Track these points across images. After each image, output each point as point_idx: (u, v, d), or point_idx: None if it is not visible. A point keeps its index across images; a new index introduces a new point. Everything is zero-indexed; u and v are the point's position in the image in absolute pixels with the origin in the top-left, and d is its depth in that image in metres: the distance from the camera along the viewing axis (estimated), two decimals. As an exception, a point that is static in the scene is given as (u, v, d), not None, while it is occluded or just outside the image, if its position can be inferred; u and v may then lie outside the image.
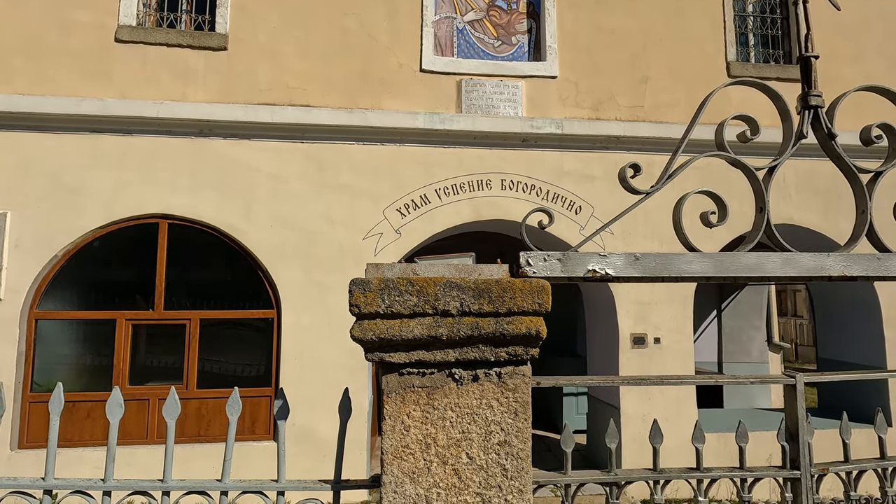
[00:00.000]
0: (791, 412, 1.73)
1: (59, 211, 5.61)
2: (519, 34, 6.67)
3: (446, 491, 1.34)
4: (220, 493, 1.46)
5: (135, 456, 5.40)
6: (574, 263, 1.51)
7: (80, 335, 5.88)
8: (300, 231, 5.94)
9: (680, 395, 6.19)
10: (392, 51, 6.26)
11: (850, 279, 1.65)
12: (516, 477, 1.36)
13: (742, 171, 1.64)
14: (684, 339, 6.38)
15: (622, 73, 6.55)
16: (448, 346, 1.35)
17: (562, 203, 6.30)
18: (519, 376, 1.39)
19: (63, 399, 1.43)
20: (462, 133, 6.14)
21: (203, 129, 5.85)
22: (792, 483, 1.70)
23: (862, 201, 1.68)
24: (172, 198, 5.80)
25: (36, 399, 5.59)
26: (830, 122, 1.68)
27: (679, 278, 1.58)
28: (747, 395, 8.72)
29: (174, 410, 1.45)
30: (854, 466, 1.77)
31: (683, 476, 1.69)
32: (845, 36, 6.75)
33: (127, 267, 5.95)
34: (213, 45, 5.97)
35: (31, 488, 1.44)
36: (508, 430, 1.37)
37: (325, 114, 5.94)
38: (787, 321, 17.16)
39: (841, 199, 6.43)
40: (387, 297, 1.31)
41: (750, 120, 1.64)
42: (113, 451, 1.43)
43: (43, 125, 5.62)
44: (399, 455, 1.34)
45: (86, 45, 5.80)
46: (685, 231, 1.59)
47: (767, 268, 1.59)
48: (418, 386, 1.36)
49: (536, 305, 1.34)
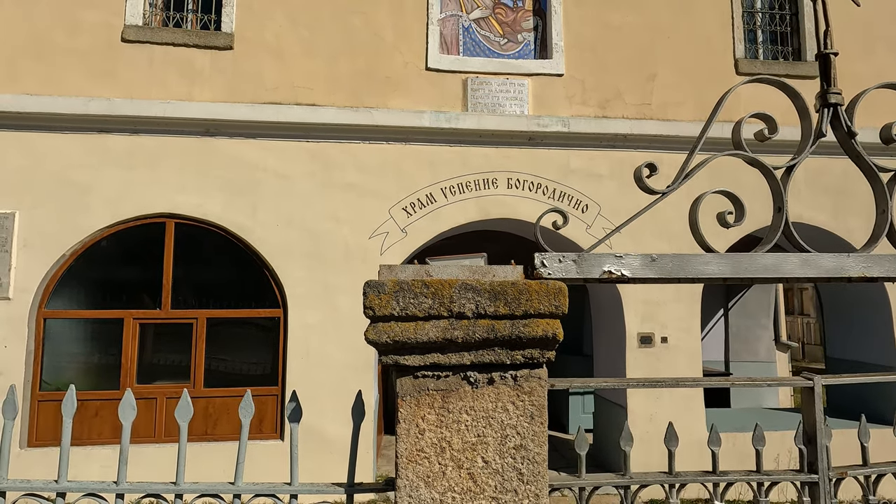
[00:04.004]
0: (809, 415, 1.71)
1: (67, 210, 5.62)
2: (525, 32, 6.63)
3: (461, 495, 1.32)
4: (233, 496, 1.45)
5: (143, 455, 5.41)
6: (590, 264, 1.49)
7: (88, 334, 5.90)
8: (306, 230, 5.93)
9: (687, 395, 6.16)
10: (398, 49, 6.24)
11: (871, 280, 1.62)
12: (532, 481, 1.34)
13: (760, 170, 1.61)
14: (692, 339, 6.34)
15: (629, 71, 6.50)
16: (463, 349, 1.33)
17: (568, 201, 6.26)
18: (535, 379, 1.37)
19: (76, 401, 1.43)
20: (468, 131, 6.11)
21: (209, 129, 5.85)
22: (810, 487, 1.67)
23: (882, 201, 1.65)
24: (179, 197, 5.80)
25: (44, 398, 5.61)
26: (850, 121, 1.65)
27: (696, 279, 1.56)
28: (755, 395, 8.67)
29: (187, 413, 1.44)
30: (873, 470, 1.75)
31: (699, 479, 1.67)
32: (854, 31, 6.66)
33: (134, 266, 5.96)
34: (219, 44, 5.97)
35: (45, 491, 1.43)
36: (524, 433, 1.35)
37: (330, 113, 5.92)
38: (794, 319, 17.05)
39: (851, 198, 6.36)
40: (402, 299, 1.29)
41: (768, 118, 1.61)
42: (126, 453, 1.42)
43: (51, 125, 5.64)
44: (414, 459, 1.33)
45: (93, 45, 5.81)
46: (701, 231, 1.57)
47: (786, 269, 1.56)
48: (433, 389, 1.35)
49: (553, 307, 1.32)
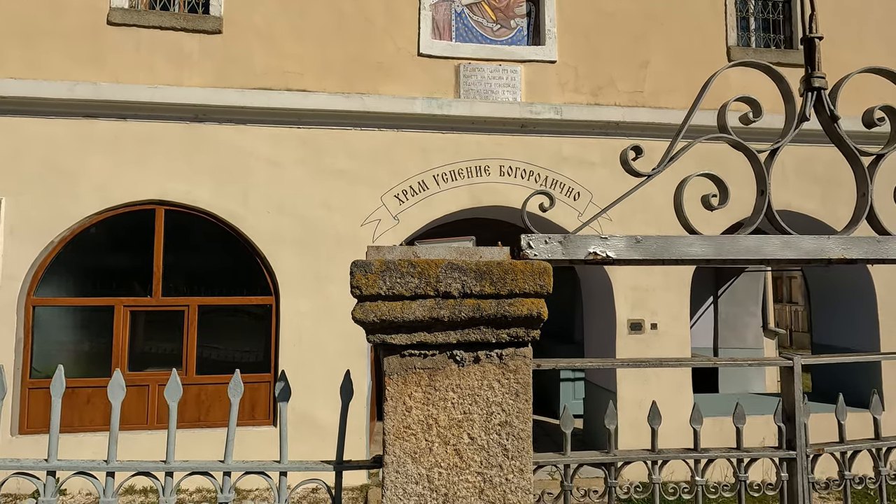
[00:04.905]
0: (788, 393, 1.75)
1: (55, 197, 5.56)
2: (518, 18, 6.58)
3: (448, 471, 1.35)
4: (222, 474, 1.47)
5: (136, 441, 5.43)
6: (575, 246, 1.51)
7: (79, 322, 5.88)
8: (298, 217, 5.91)
9: (676, 380, 6.25)
10: (389, 34, 6.18)
11: (850, 262, 1.65)
12: (517, 457, 1.37)
13: (744, 153, 1.63)
14: (681, 325, 6.42)
15: (622, 58, 6.49)
16: (449, 328, 1.35)
17: (560, 189, 6.28)
18: (520, 358, 1.39)
19: (64, 381, 1.43)
20: (460, 118, 6.09)
21: (198, 114, 5.79)
22: (788, 463, 1.72)
23: (863, 184, 1.68)
24: (168, 184, 5.76)
25: (35, 385, 5.60)
26: (833, 105, 1.67)
27: (680, 261, 1.58)
28: (743, 380, 8.81)
29: (176, 392, 1.45)
30: (849, 447, 1.80)
31: (681, 456, 1.71)
32: (845, 20, 6.69)
33: (124, 253, 5.93)
34: (208, 28, 5.88)
35: (35, 469, 1.44)
36: (509, 410, 1.38)
37: (321, 98, 5.88)
38: (782, 307, 17.29)
39: (840, 186, 6.42)
40: (388, 278, 1.31)
41: (752, 102, 1.63)
42: (115, 432, 1.44)
43: (36, 110, 5.55)
44: (401, 436, 1.35)
45: (78, 28, 5.70)
46: (686, 214, 1.59)
47: (767, 250, 1.59)
48: (420, 367, 1.37)
49: (538, 287, 1.34)
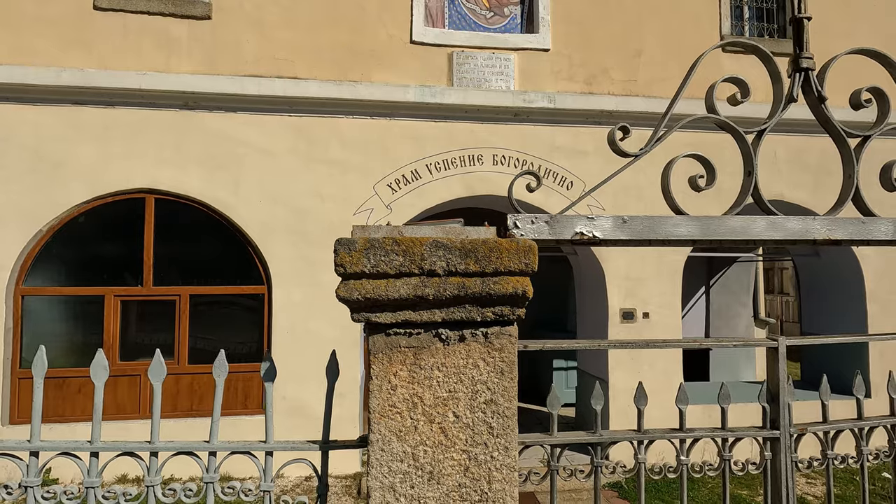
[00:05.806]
0: (773, 374, 1.76)
1: (42, 185, 5.50)
2: (511, 5, 6.53)
3: (433, 448, 1.35)
4: (208, 454, 1.47)
5: (128, 430, 5.42)
6: (562, 226, 1.51)
7: (69, 311, 5.83)
8: (290, 206, 5.88)
9: (667, 369, 6.30)
10: (381, 21, 6.12)
11: (835, 243, 1.66)
12: (502, 434, 1.38)
13: (731, 133, 1.63)
14: (672, 315, 6.47)
15: (616, 47, 6.46)
16: (434, 307, 1.34)
17: (553, 178, 6.28)
18: (505, 336, 1.39)
19: (46, 361, 1.42)
20: (453, 107, 6.06)
21: (188, 102, 5.72)
22: (772, 442, 1.74)
23: (849, 165, 1.68)
24: (159, 172, 5.70)
25: (25, 375, 5.56)
26: (821, 85, 1.67)
27: (666, 241, 1.58)
28: (733, 369, 8.90)
29: (160, 372, 1.44)
30: (832, 427, 1.82)
31: (666, 436, 1.72)
32: (838, 10, 6.68)
33: (114, 242, 5.87)
34: (197, 13, 5.80)
35: (17, 450, 1.43)
36: (494, 388, 1.38)
37: (313, 86, 5.82)
38: (773, 298, 17.43)
39: (831, 176, 6.45)
40: (372, 256, 1.30)
41: (740, 82, 1.63)
42: (99, 412, 1.43)
43: (22, 96, 5.47)
44: (386, 414, 1.35)
45: (64, 12, 5.60)
46: (673, 194, 1.59)
47: (753, 231, 1.59)
48: (405, 346, 1.36)
49: (523, 265, 1.34)
